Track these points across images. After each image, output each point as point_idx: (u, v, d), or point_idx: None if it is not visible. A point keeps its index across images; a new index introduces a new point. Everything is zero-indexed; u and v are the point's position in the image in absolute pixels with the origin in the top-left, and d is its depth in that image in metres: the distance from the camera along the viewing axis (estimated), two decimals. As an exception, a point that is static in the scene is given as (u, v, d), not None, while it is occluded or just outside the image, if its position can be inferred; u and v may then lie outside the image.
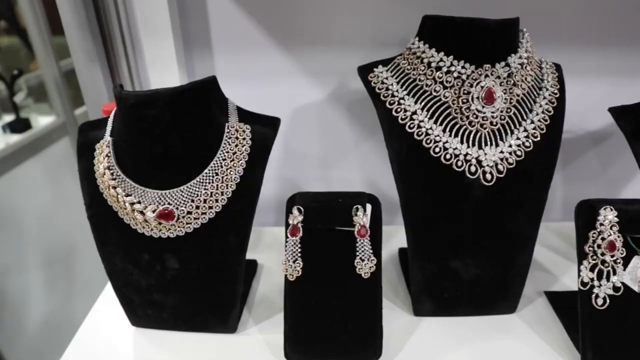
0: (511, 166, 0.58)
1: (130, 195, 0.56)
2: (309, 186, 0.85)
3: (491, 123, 0.58)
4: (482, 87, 0.57)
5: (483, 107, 0.57)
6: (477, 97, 0.57)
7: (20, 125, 1.22)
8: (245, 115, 0.61)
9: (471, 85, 0.57)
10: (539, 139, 0.59)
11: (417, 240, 0.62)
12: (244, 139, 0.58)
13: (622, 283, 0.57)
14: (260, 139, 0.59)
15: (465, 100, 0.57)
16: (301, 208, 0.56)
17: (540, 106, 0.60)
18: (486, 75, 0.57)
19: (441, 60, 0.57)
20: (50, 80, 1.13)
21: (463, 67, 0.57)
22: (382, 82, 0.61)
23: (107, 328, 0.65)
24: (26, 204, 1.11)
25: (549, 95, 0.61)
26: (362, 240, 0.56)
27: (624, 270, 0.57)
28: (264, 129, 0.60)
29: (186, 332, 0.63)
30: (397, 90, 0.60)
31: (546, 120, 0.60)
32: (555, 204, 0.88)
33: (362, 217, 0.55)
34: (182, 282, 0.60)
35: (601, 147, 0.83)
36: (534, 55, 0.61)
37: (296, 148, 0.83)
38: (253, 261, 0.78)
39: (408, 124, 0.58)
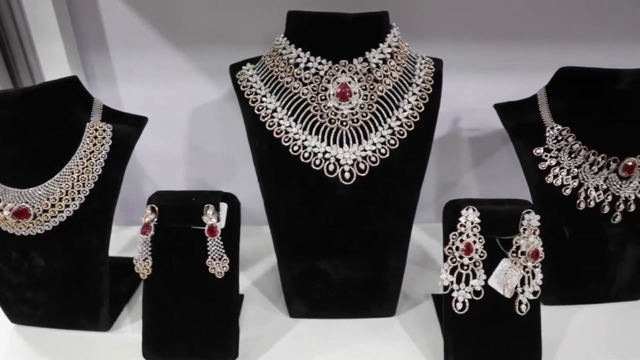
0: (375, 164, 0.56)
1: (-8, 194, 0.57)
2: (218, 185, 0.85)
3: (351, 120, 0.56)
4: (338, 83, 0.55)
5: (340, 103, 0.56)
6: (333, 94, 0.56)
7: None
8: (110, 115, 0.61)
9: (328, 82, 0.56)
10: (405, 136, 0.57)
11: (281, 240, 0.60)
12: (103, 138, 0.58)
13: (484, 287, 0.54)
14: (122, 138, 0.59)
15: (323, 97, 0.56)
16: (154, 207, 0.56)
17: (409, 102, 0.58)
18: (343, 71, 0.56)
19: (298, 56, 0.56)
20: (4, 78, 1.16)
21: (320, 63, 0.56)
22: (247, 80, 0.60)
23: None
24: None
25: (419, 91, 0.59)
26: (213, 240, 0.55)
27: (485, 273, 0.54)
28: (129, 128, 0.60)
29: (61, 330, 0.64)
30: (260, 88, 0.59)
31: (415, 117, 0.57)
32: (471, 204, 0.85)
33: (212, 216, 0.55)
34: (49, 280, 0.60)
35: (512, 145, 0.79)
36: (404, 49, 0.59)
37: (201, 148, 0.83)
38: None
39: (268, 121, 0.57)
